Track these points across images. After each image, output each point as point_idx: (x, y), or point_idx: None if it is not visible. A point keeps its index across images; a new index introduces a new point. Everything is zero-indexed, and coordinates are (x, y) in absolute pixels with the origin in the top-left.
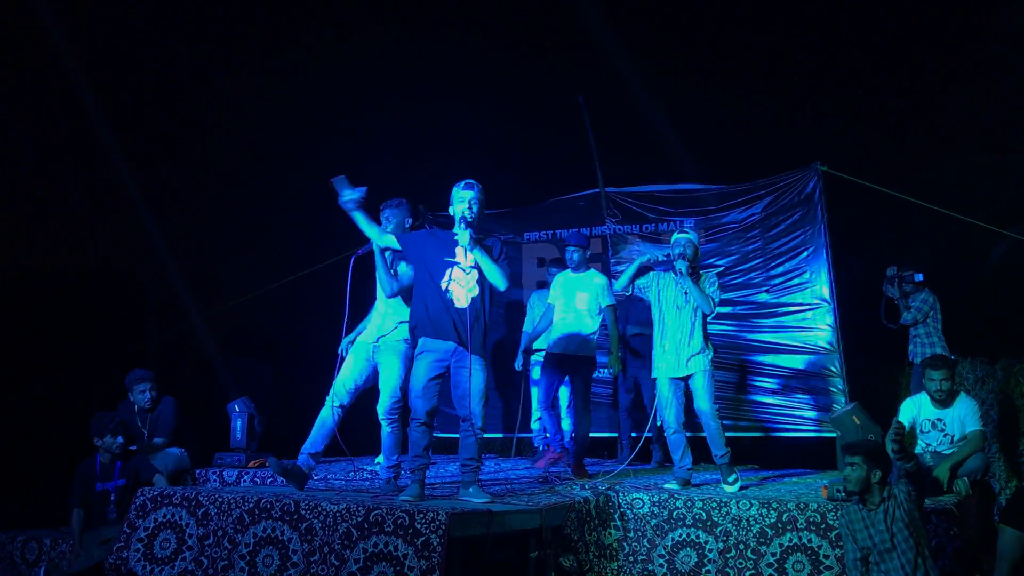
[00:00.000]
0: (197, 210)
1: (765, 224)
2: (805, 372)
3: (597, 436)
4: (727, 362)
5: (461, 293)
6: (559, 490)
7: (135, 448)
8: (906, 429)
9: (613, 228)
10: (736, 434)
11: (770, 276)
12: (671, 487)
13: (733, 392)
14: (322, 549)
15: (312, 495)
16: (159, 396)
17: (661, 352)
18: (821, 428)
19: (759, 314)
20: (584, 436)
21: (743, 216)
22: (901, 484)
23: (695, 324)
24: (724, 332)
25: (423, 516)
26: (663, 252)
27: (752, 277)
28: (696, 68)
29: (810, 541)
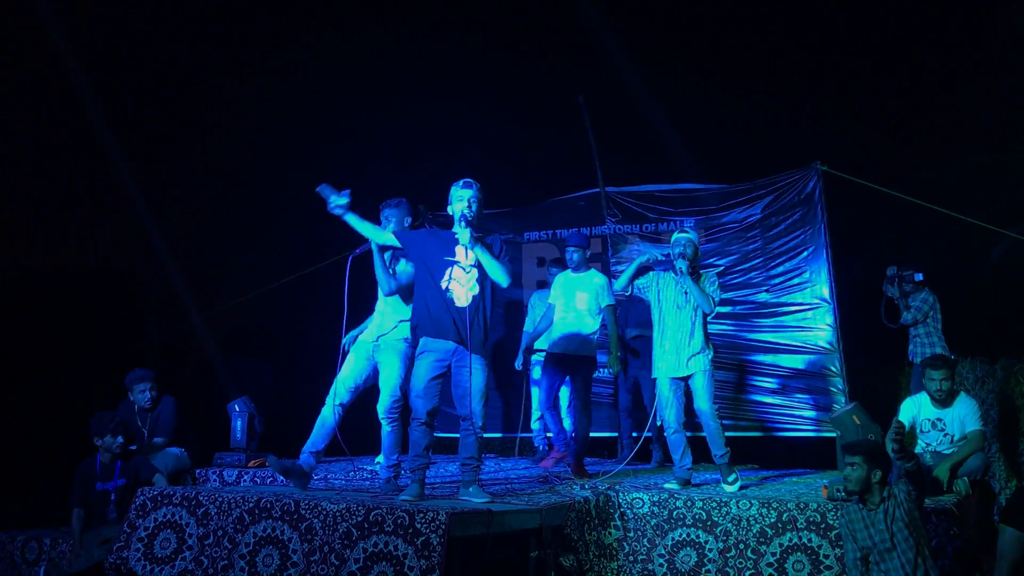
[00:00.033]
0: (197, 210)
1: (765, 224)
2: (805, 372)
3: (597, 436)
4: (727, 362)
5: (462, 292)
6: (559, 490)
7: (135, 448)
8: (906, 429)
9: (613, 228)
10: (736, 434)
11: (770, 276)
12: (671, 487)
13: (733, 392)
14: (322, 549)
15: (312, 495)
16: (159, 396)
17: (661, 352)
18: (821, 428)
19: (759, 314)
20: (584, 436)
21: (743, 216)
22: (901, 484)
23: (695, 324)
24: (724, 332)
25: (423, 516)
26: (662, 252)
27: (752, 277)
28: (696, 68)
29: (810, 541)
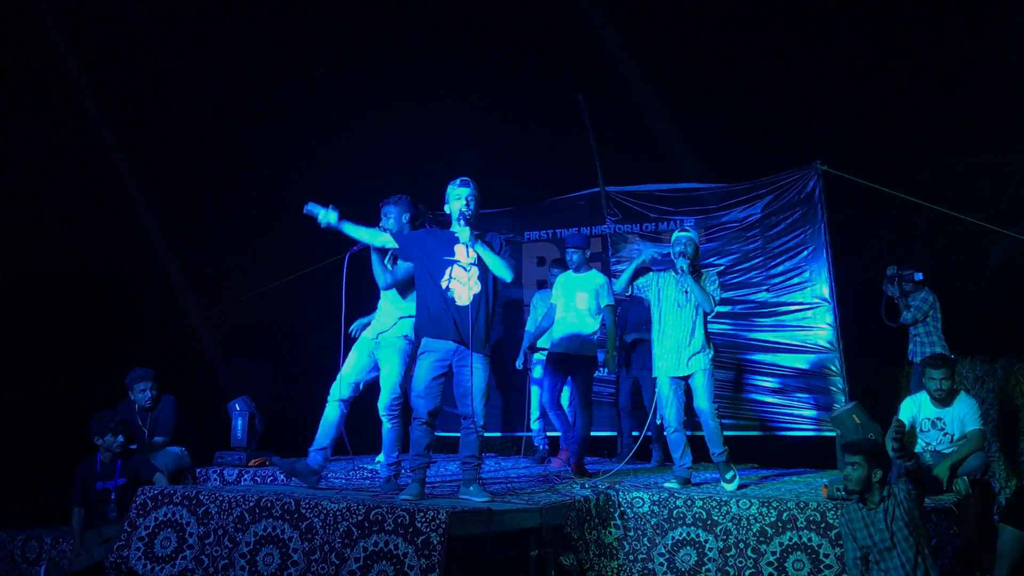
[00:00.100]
0: (197, 210)
1: (765, 223)
2: (805, 371)
3: (597, 435)
4: (727, 361)
5: (463, 291)
6: (559, 489)
7: (135, 447)
8: (906, 428)
9: (613, 227)
10: (736, 433)
11: (770, 275)
12: (671, 486)
13: (733, 391)
14: (322, 548)
15: (312, 494)
16: (159, 395)
17: (661, 351)
18: (821, 427)
19: (759, 313)
20: (585, 435)
21: (743, 215)
22: (901, 483)
23: (696, 323)
24: (724, 331)
25: (423, 515)
26: (661, 251)
27: (752, 276)
28: (696, 67)
29: (810, 540)
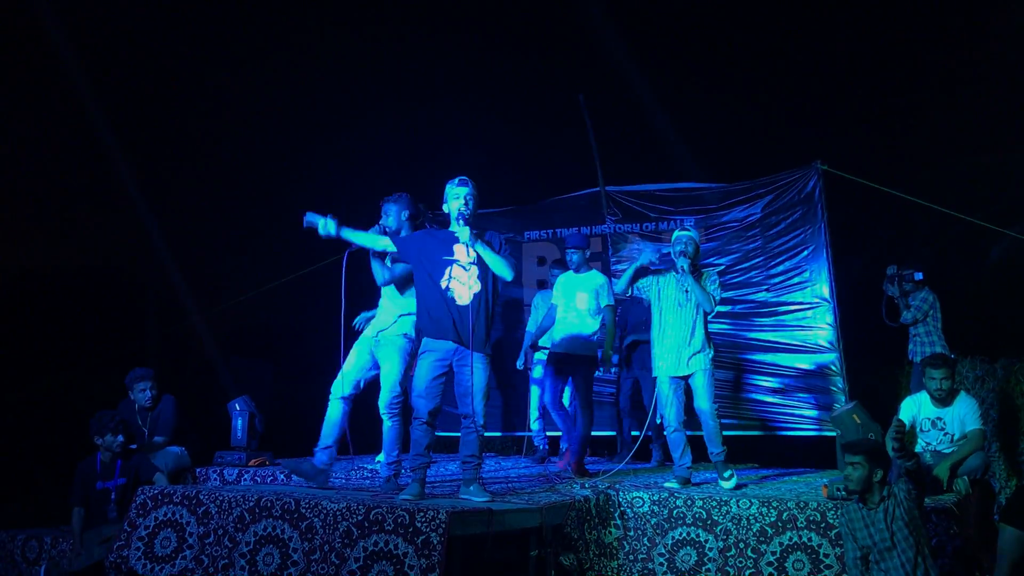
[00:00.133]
0: (197, 210)
1: (765, 223)
2: (805, 371)
3: (597, 435)
4: (727, 361)
5: (463, 290)
6: (559, 489)
7: (135, 447)
8: (906, 428)
9: (613, 227)
10: (736, 432)
11: (770, 275)
12: (671, 486)
13: (733, 391)
14: (322, 547)
15: (312, 493)
16: (159, 395)
17: (662, 350)
18: (821, 427)
19: (759, 313)
20: (585, 435)
21: (743, 215)
22: (901, 483)
23: (696, 322)
24: (724, 331)
25: (423, 515)
26: (661, 250)
27: (752, 276)
28: (697, 67)
29: (810, 540)
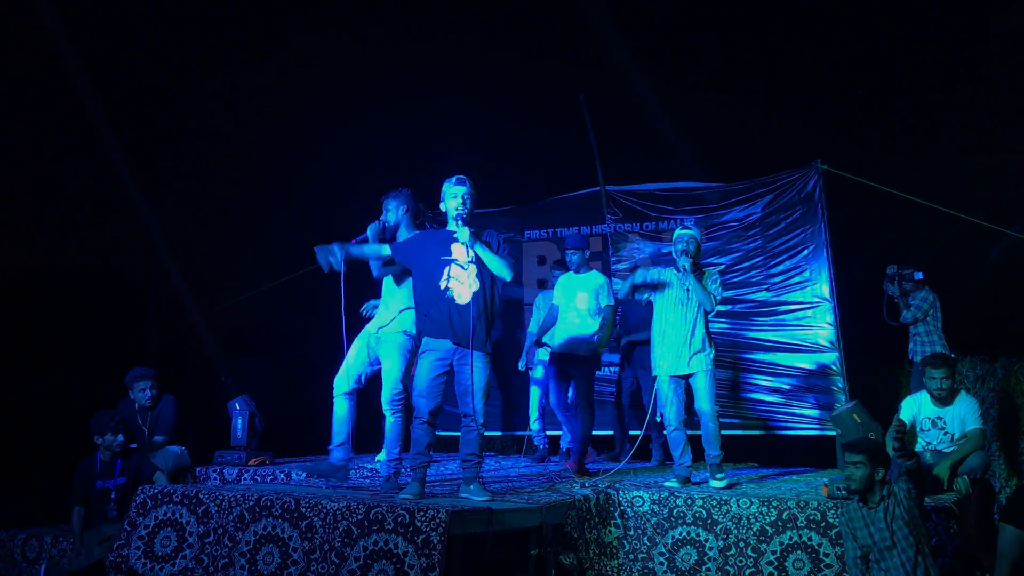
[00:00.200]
0: (197, 210)
1: (765, 222)
2: (805, 370)
3: (597, 434)
4: (727, 360)
5: (462, 289)
6: (559, 488)
7: (135, 446)
8: (907, 427)
9: (613, 227)
10: (737, 432)
11: (770, 274)
12: (671, 485)
13: (733, 390)
14: (322, 547)
15: (312, 493)
16: (159, 394)
17: (662, 350)
18: (822, 426)
19: (759, 312)
20: (586, 435)
21: (743, 214)
22: (901, 482)
23: (697, 322)
24: (724, 330)
25: (423, 514)
26: (661, 250)
27: (752, 275)
28: (697, 67)
29: (810, 539)
